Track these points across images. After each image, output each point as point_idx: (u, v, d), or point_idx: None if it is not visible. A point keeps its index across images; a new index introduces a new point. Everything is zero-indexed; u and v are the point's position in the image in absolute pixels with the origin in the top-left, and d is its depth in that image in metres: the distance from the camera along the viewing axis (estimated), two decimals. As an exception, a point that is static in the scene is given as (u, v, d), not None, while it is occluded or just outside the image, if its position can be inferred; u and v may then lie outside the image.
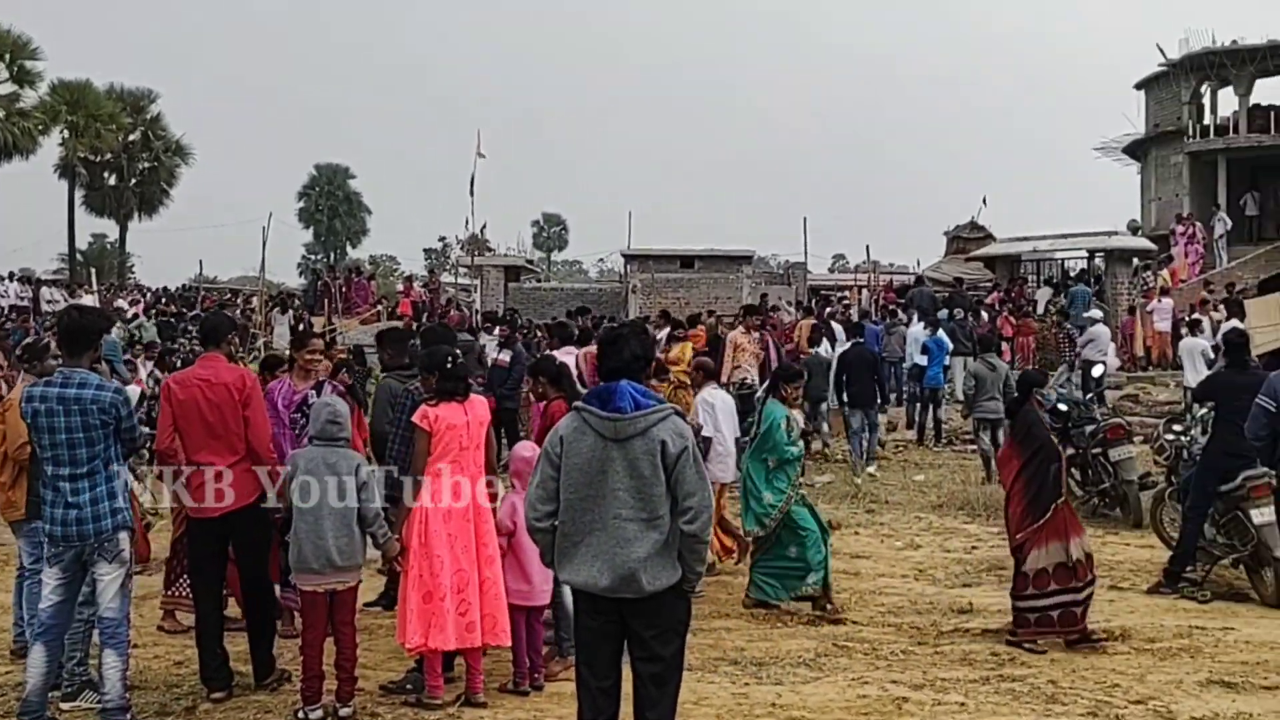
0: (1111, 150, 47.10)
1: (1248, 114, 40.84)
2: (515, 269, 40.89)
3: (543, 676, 7.75)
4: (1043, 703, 7.61)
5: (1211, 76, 41.53)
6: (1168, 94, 43.03)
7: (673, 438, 5.41)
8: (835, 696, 7.65)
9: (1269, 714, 7.40)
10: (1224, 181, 40.31)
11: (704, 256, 35.77)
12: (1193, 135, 41.58)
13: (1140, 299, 30.14)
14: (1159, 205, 43.28)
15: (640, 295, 34.23)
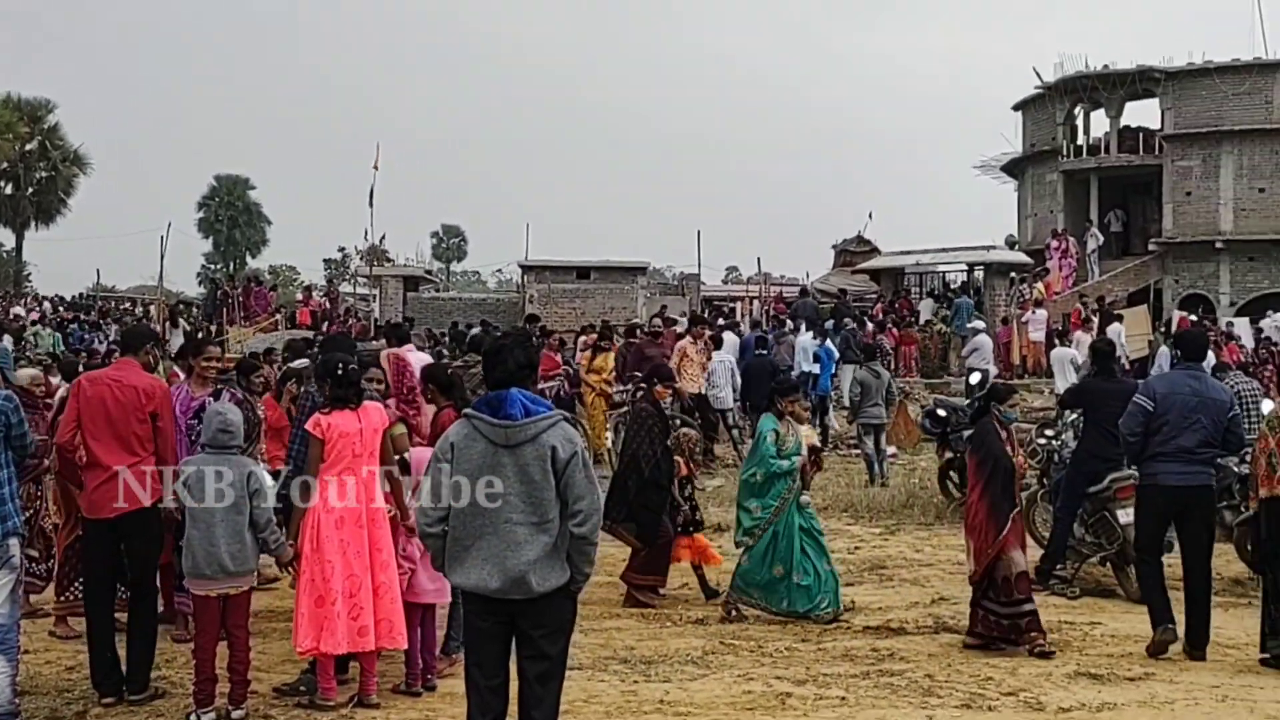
0: (990, 169, 48.00)
1: (1118, 135, 41.96)
2: (414, 279, 40.58)
3: (435, 677, 7.70)
4: (920, 696, 7.71)
5: (1084, 99, 42.55)
6: (1044, 115, 44.00)
7: (562, 443, 5.42)
8: (721, 693, 7.68)
9: (1133, 704, 7.58)
10: (1096, 199, 41.38)
11: (600, 268, 35.79)
12: (1067, 155, 42.59)
13: (1016, 310, 30.76)
14: (1035, 221, 44.22)
15: (537, 305, 34.16)
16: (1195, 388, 8.88)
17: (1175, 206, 39.39)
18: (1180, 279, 39.29)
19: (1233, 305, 37.58)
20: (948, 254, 37.50)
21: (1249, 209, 38.56)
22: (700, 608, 10.05)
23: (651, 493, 10.18)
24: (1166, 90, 39.88)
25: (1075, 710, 7.46)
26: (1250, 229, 38.43)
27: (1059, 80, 42.10)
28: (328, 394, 7.42)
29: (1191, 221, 39.15)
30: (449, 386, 8.65)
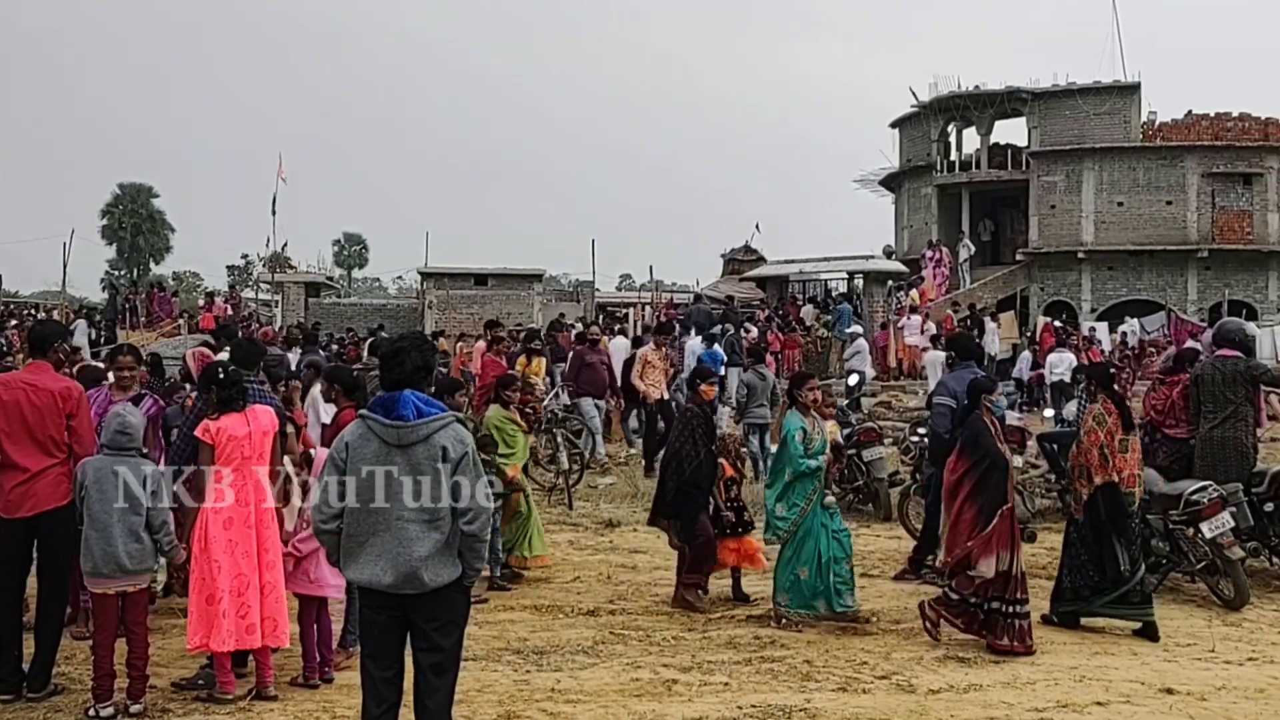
0: (869, 182, 48.76)
1: (988, 152, 42.89)
2: (316, 285, 40.11)
3: (333, 669, 7.63)
4: (799, 680, 7.79)
5: (957, 118, 43.44)
6: (919, 132, 44.82)
7: (453, 444, 5.42)
8: (610, 680, 7.70)
9: (997, 685, 7.73)
10: (968, 211, 42.25)
11: (497, 275, 35.69)
12: (940, 170, 43.45)
13: (893, 316, 31.26)
14: (911, 232, 45.02)
15: (436, 311, 33.94)
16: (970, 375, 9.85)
17: (1041, 219, 40.33)
18: (1045, 287, 40.25)
19: (1093, 311, 38.58)
20: (829, 263, 37.99)
21: (1109, 222, 39.61)
22: (592, 599, 10.05)
23: (690, 493, 9.78)
24: (1033, 110, 40.88)
25: (944, 691, 7.59)
26: (1110, 240, 39.50)
27: (933, 100, 42.94)
28: (214, 399, 7.32)
29: (1056, 233, 40.13)
30: (353, 388, 8.58)
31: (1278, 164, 39.26)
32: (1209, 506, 9.82)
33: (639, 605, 9.88)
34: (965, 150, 44.54)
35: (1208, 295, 38.74)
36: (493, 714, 6.96)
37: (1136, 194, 39.48)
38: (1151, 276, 39.34)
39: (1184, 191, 39.23)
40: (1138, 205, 39.44)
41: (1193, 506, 9.93)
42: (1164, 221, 39.30)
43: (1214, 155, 39.27)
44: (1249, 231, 39.04)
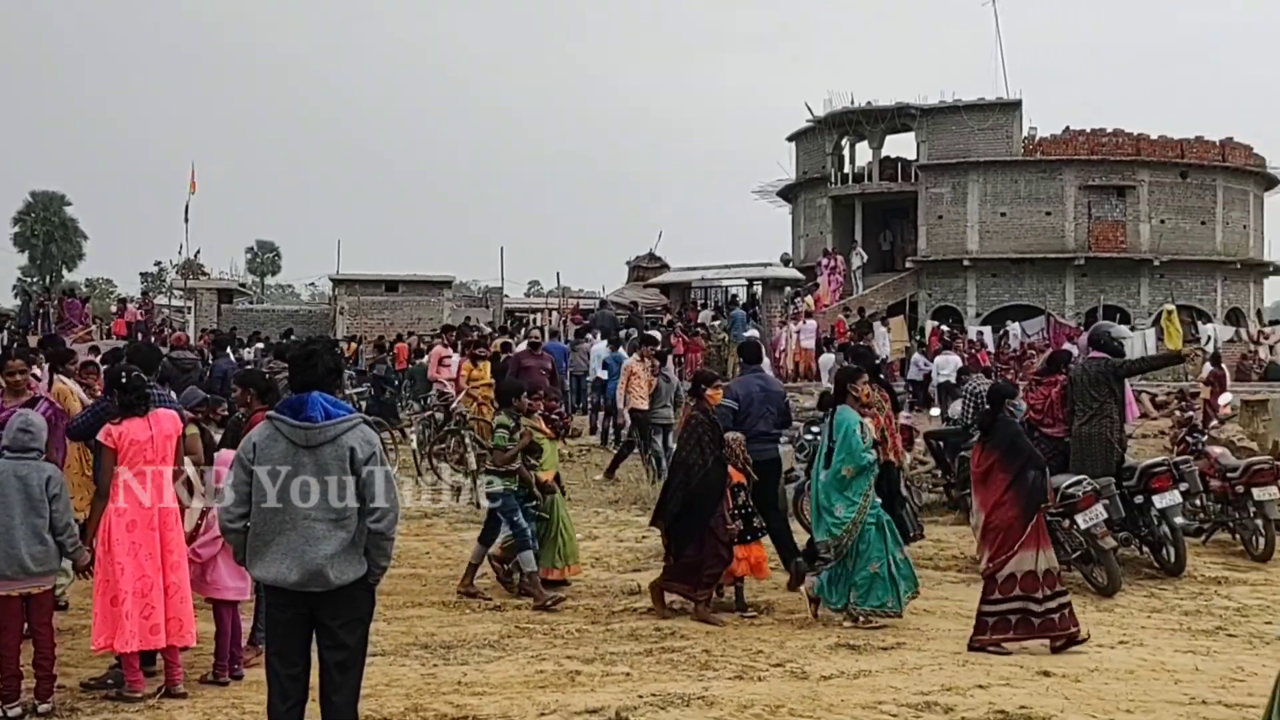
0: (768, 193, 49.10)
1: (880, 165, 43.48)
2: (229, 291, 39.47)
3: (242, 666, 7.51)
4: (697, 669, 7.84)
5: (850, 132, 43.95)
6: (814, 146, 45.28)
7: (361, 445, 5.38)
8: (515, 673, 7.68)
9: (885, 670, 7.85)
10: (860, 221, 42.79)
11: (407, 281, 35.42)
12: (835, 182, 43.94)
13: (790, 320, 31.56)
14: (807, 241, 45.47)
15: (347, 316, 33.61)
16: (762, 385, 10.60)
17: (929, 229, 40.98)
18: (933, 293, 40.90)
19: (978, 316, 39.28)
20: (730, 270, 38.27)
21: (992, 231, 40.36)
22: (499, 595, 10.01)
23: (695, 505, 9.25)
24: (921, 125, 41.50)
25: (835, 677, 7.68)
26: (993, 249, 40.24)
27: (828, 115, 43.40)
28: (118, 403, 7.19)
29: (943, 242, 40.79)
30: (266, 390, 8.46)
31: (1149, 177, 40.33)
32: (1083, 499, 10.08)
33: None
34: (858, 163, 45.01)
35: (1084, 301, 39.67)
36: (400, 707, 6.90)
37: (1018, 205, 40.26)
38: (1032, 283, 40.15)
39: (1062, 203, 40.10)
40: (1019, 216, 40.23)
41: (1068, 499, 10.19)
42: (1043, 231, 40.14)
43: (1090, 169, 40.21)
44: (1122, 241, 40.04)
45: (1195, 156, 40.96)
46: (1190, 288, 40.63)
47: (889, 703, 7.12)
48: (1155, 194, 40.39)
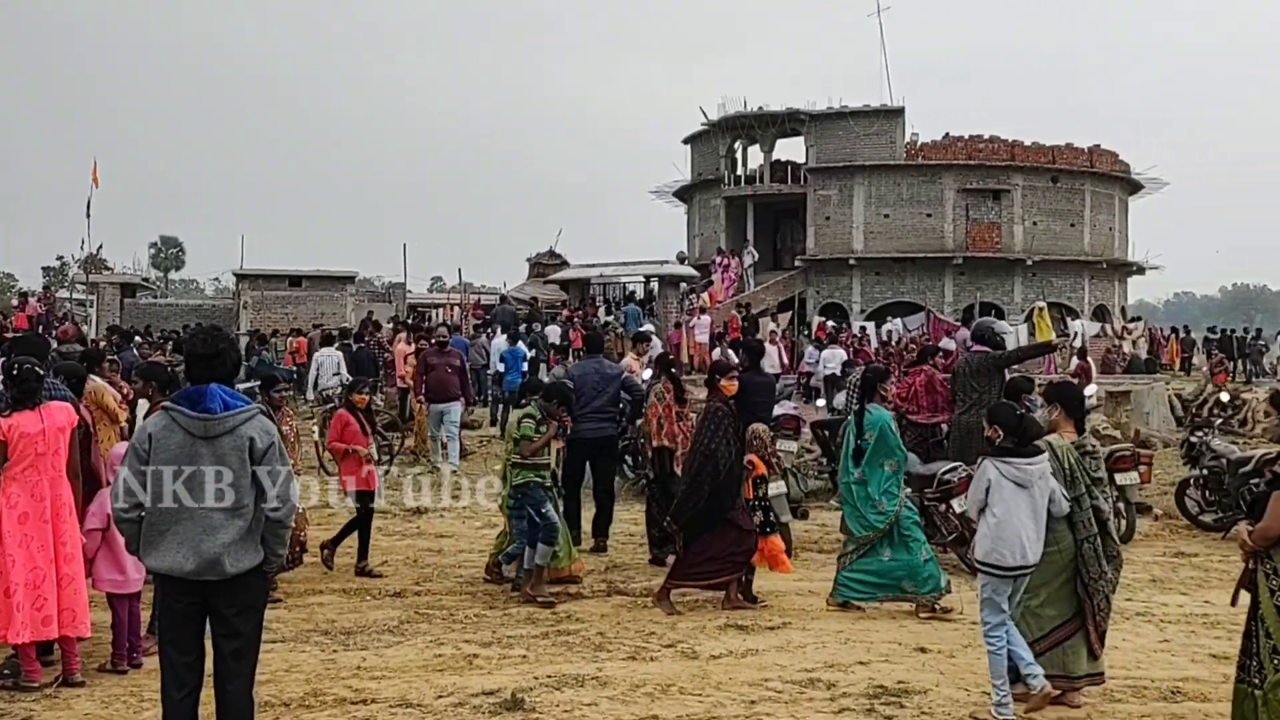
0: (664, 194, 49.26)
1: (771, 167, 43.85)
2: (132, 286, 38.44)
3: (141, 655, 7.33)
4: (592, 650, 7.84)
5: (743, 136, 44.28)
6: (708, 149, 45.54)
7: (260, 435, 5.28)
8: (415, 657, 7.61)
9: (771, 649, 7.93)
10: (752, 221, 43.12)
11: (311, 276, 34.84)
12: (728, 183, 44.22)
13: (685, 316, 31.71)
14: (701, 240, 45.71)
15: (251, 311, 32.96)
16: (598, 369, 11.58)
17: (817, 229, 41.47)
18: (821, 290, 41.42)
19: (863, 312, 39.87)
20: (628, 267, 38.31)
21: (876, 232, 40.99)
22: (398, 582, 9.90)
23: (722, 496, 9.04)
24: (810, 130, 41.96)
25: (724, 656, 7.75)
26: (877, 249, 40.88)
27: (721, 119, 43.66)
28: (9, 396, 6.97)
29: (830, 242, 41.31)
30: (168, 383, 8.25)
31: (1023, 181, 41.30)
32: (959, 485, 10.29)
33: (444, 586, 9.79)
34: (750, 165, 45.36)
35: (962, 298, 40.47)
36: (299, 692, 6.79)
37: (900, 207, 40.93)
38: (914, 281, 40.89)
39: (942, 205, 40.89)
40: (902, 217, 40.92)
41: (945, 485, 10.40)
42: (924, 232, 40.88)
43: (968, 173, 41.04)
44: (998, 241, 40.96)
45: (1065, 163, 42.08)
46: (1060, 286, 41.77)
47: (775, 680, 7.20)
48: (1028, 197, 41.40)
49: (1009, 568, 6.57)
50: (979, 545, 6.77)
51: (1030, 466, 6.63)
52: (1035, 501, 6.60)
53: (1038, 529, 6.62)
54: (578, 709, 6.55)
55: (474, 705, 6.59)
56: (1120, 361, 33.09)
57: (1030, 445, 6.72)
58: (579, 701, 6.68)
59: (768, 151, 43.76)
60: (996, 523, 6.59)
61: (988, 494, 6.66)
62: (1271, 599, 5.48)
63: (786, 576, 10.27)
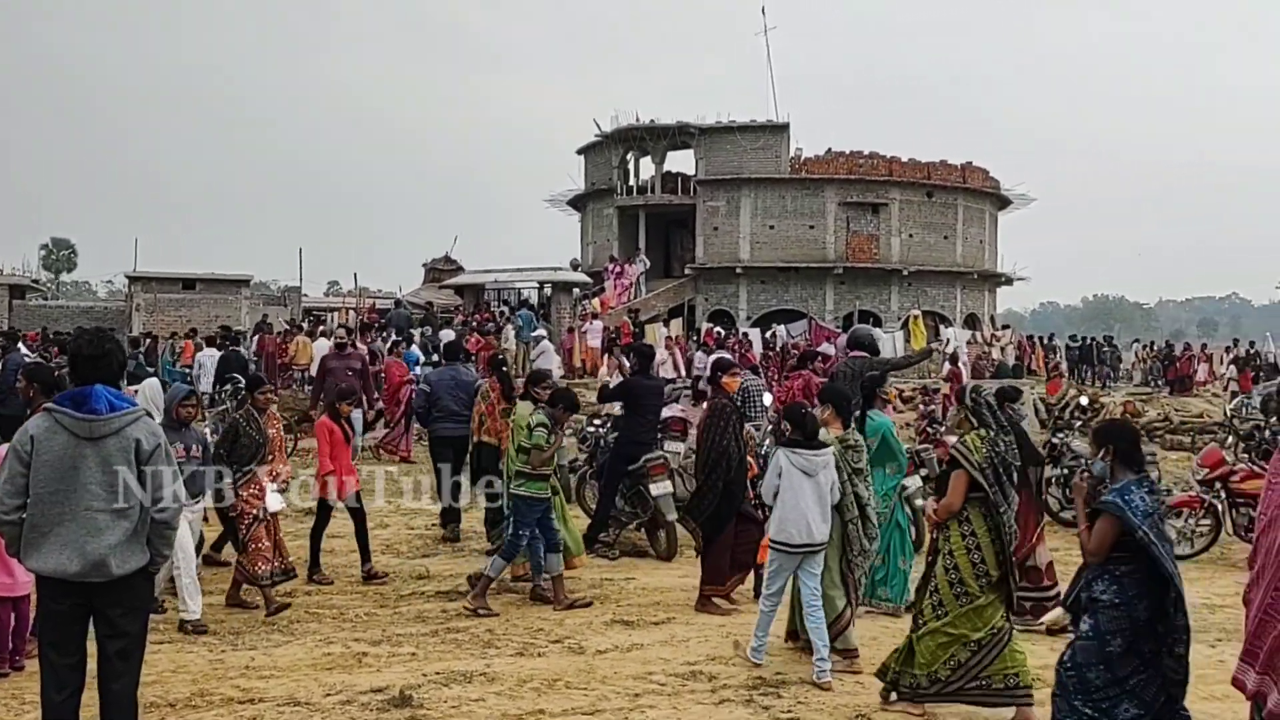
0: (558, 202, 49.18)
1: (662, 178, 44.08)
2: (21, 288, 37.03)
3: (24, 657, 7.06)
4: (480, 648, 7.78)
5: (635, 147, 44.41)
6: (602, 159, 45.58)
7: (146, 436, 5.13)
8: (304, 655, 7.46)
9: (656, 643, 7.96)
10: (644, 230, 43.29)
11: (205, 279, 33.94)
12: (620, 193, 44.34)
13: (578, 321, 31.67)
14: (595, 247, 45.72)
15: (144, 313, 32.00)
16: (453, 375, 12.13)
17: (706, 239, 41.80)
18: (709, 297, 41.74)
19: (749, 319, 40.29)
20: (522, 273, 38.12)
21: (762, 242, 41.46)
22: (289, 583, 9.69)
23: (735, 490, 9.00)
24: (699, 143, 42.27)
25: (610, 651, 7.76)
26: (763, 258, 41.36)
27: (614, 131, 43.74)
28: None
29: (718, 251, 41.67)
30: (53, 385, 7.94)
31: (900, 196, 42.16)
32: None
33: (334, 586, 9.61)
34: (642, 176, 45.55)
35: (842, 306, 41.19)
36: (186, 692, 6.62)
37: (785, 219, 41.47)
38: (797, 289, 41.44)
39: (824, 217, 41.52)
40: (786, 228, 41.45)
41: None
42: (807, 243, 41.47)
43: (848, 187, 41.75)
44: (876, 253, 41.75)
45: (940, 178, 43.08)
46: (934, 295, 42.73)
47: (659, 673, 7.23)
48: (905, 211, 42.28)
49: (796, 545, 7.24)
50: (771, 525, 7.40)
51: (816, 457, 7.30)
52: (820, 488, 7.27)
53: (823, 512, 7.28)
54: (465, 704, 6.50)
55: (362, 703, 6.49)
56: (990, 367, 33.86)
57: (817, 439, 7.37)
58: (466, 697, 6.62)
59: (659, 163, 43.97)
60: (786, 506, 7.24)
61: (779, 479, 7.27)
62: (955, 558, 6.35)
63: (672, 572, 10.36)
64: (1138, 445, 5.51)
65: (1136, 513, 5.18)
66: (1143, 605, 5.18)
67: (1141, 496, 5.26)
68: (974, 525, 6.39)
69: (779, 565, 7.36)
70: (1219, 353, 37.81)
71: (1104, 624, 5.24)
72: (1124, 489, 5.29)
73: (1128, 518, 5.16)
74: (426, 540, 11.55)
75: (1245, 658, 4.41)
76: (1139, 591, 5.19)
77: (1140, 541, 5.13)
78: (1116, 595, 5.23)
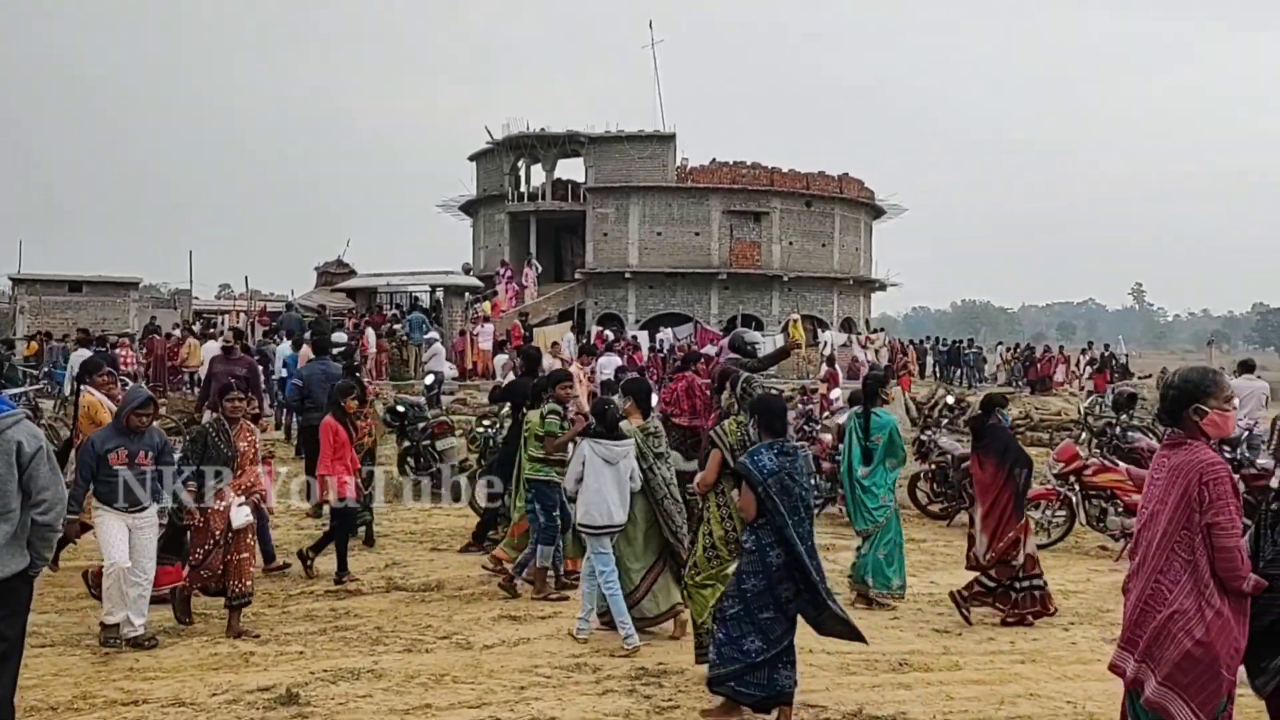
0: (450, 207, 48.74)
1: (552, 185, 44.01)
2: (-103, 289, 35.43)
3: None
4: (369, 645, 7.67)
5: (526, 155, 44.27)
6: (493, 166, 45.33)
7: (28, 439, 4.97)
8: (190, 657, 7.27)
9: (542, 637, 7.95)
10: (535, 236, 43.17)
11: (92, 282, 32.78)
12: (511, 200, 44.13)
13: (470, 324, 31.44)
14: (486, 252, 45.44)
15: (29, 316, 30.80)
16: (324, 369, 12.71)
17: (595, 244, 41.85)
18: (599, 301, 41.81)
19: (637, 322, 40.48)
20: (415, 277, 37.67)
21: (650, 248, 41.68)
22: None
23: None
24: (589, 151, 42.31)
25: (497, 646, 7.72)
26: (650, 264, 41.58)
27: (506, 138, 43.55)
28: None
29: (608, 256, 41.76)
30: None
31: (780, 205, 42.77)
32: None
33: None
34: (533, 183, 45.43)
35: (726, 310, 41.63)
36: (68, 695, 6.40)
37: (672, 226, 41.75)
38: (683, 294, 41.76)
39: (709, 225, 41.92)
40: (673, 235, 41.74)
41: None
42: (693, 249, 41.82)
43: (732, 196, 42.22)
44: (758, 259, 42.29)
45: (818, 189, 43.82)
46: (812, 300, 43.45)
47: (544, 665, 7.22)
48: (785, 219, 42.92)
49: (598, 526, 7.80)
50: (578, 509, 7.96)
51: (617, 447, 7.83)
52: (620, 475, 7.80)
53: (621, 497, 7.80)
54: (352, 701, 6.41)
55: (248, 702, 6.35)
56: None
57: (618, 431, 7.88)
58: (354, 694, 6.53)
59: (549, 170, 43.90)
60: (589, 491, 7.77)
61: (583, 468, 7.81)
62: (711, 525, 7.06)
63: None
64: (780, 416, 6.39)
65: (762, 471, 6.08)
66: (774, 553, 6.05)
67: (771, 458, 6.15)
68: (727, 498, 6.98)
69: (595, 546, 7.87)
70: (1076, 354, 39.17)
71: (743, 566, 6.19)
72: (755, 451, 6.24)
73: (751, 475, 6.09)
74: (315, 539, 11.32)
75: (1125, 645, 4.57)
76: (771, 540, 6.07)
77: (759, 496, 6.05)
78: (752, 543, 6.14)
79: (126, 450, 7.48)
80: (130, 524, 7.45)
